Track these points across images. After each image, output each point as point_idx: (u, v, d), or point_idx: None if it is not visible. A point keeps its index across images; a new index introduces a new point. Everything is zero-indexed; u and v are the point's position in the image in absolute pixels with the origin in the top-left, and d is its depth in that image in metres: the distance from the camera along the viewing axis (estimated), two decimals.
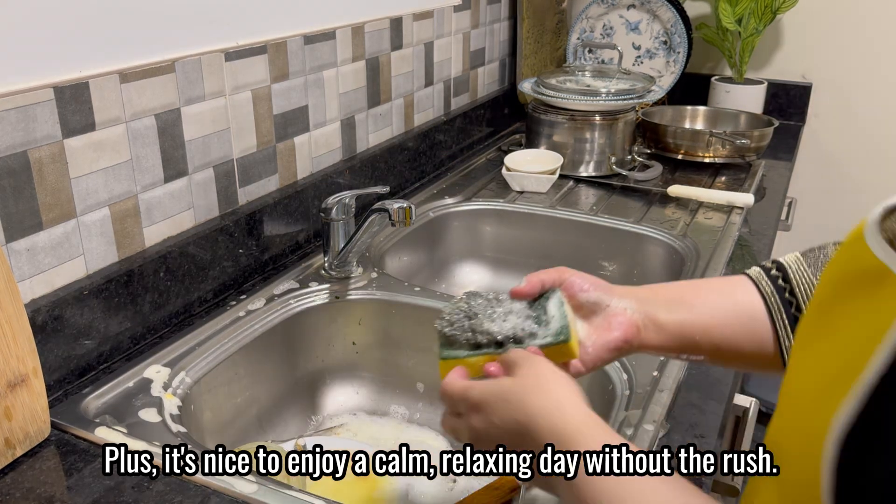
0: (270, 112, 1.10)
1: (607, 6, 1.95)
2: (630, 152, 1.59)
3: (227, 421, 0.94)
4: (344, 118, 1.27)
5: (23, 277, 0.79)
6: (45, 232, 0.81)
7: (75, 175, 0.83)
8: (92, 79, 0.83)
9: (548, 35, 1.94)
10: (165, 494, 0.68)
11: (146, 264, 0.91)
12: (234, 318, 0.98)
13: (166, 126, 0.93)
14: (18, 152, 0.77)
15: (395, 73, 1.39)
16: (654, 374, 0.87)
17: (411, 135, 1.46)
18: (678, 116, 1.79)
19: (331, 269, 1.10)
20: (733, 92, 1.88)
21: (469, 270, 1.43)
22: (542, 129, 1.57)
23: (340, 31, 1.21)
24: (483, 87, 1.78)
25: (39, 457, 0.73)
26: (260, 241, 1.09)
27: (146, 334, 0.93)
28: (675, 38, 1.91)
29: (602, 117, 1.52)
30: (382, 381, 1.10)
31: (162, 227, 0.95)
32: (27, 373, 0.72)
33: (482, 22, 1.71)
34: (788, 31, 1.96)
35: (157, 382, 0.85)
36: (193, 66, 0.95)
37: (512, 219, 1.41)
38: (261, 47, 1.05)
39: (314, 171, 1.21)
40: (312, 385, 1.07)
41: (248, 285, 1.07)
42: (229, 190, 1.05)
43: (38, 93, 0.77)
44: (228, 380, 0.94)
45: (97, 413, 0.80)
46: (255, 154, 1.09)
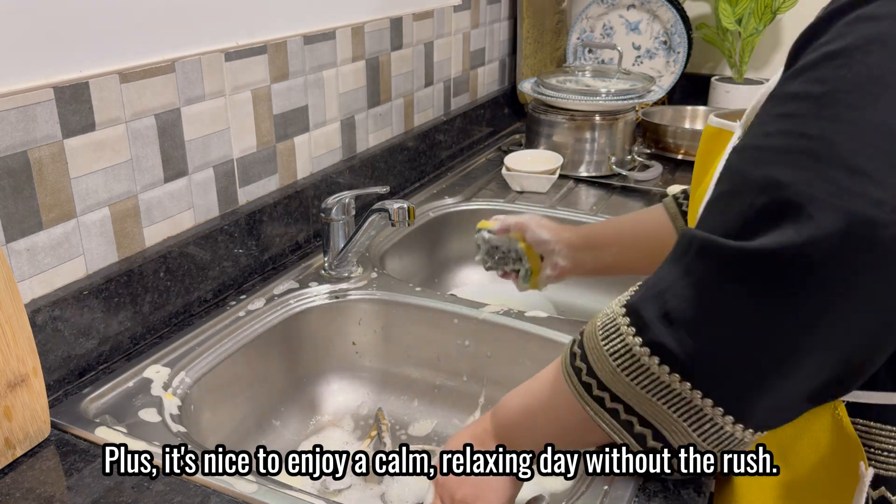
0: (270, 112, 1.10)
1: (607, 6, 1.95)
2: (630, 152, 1.59)
3: (227, 421, 0.94)
4: (344, 118, 1.27)
5: (23, 277, 0.79)
6: (45, 232, 0.81)
7: (75, 175, 0.83)
8: (92, 79, 0.83)
9: (548, 35, 1.94)
10: (165, 494, 0.68)
11: (146, 264, 0.91)
12: (233, 318, 0.98)
13: (166, 126, 0.93)
14: (18, 152, 0.77)
15: (395, 73, 1.39)
16: None
17: (411, 135, 1.46)
18: (678, 116, 1.79)
19: (331, 269, 1.10)
20: (733, 92, 1.88)
21: (469, 270, 1.43)
22: (542, 129, 1.57)
23: (340, 31, 1.21)
24: (483, 87, 1.78)
25: (39, 457, 0.73)
26: (260, 241, 1.09)
27: (146, 334, 0.93)
28: (675, 38, 1.91)
29: (602, 117, 1.52)
30: (382, 381, 1.09)
31: (162, 227, 0.95)
32: (27, 373, 0.72)
33: (482, 22, 1.71)
34: (788, 31, 1.96)
35: (156, 382, 0.85)
36: (193, 66, 0.95)
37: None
38: (261, 47, 1.05)
39: (314, 171, 1.21)
40: (312, 385, 1.07)
41: (248, 285, 1.07)
42: (229, 190, 1.05)
43: (38, 93, 0.77)
44: (228, 380, 0.94)
45: (97, 413, 0.80)
46: (255, 154, 1.09)
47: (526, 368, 1.00)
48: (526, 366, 1.00)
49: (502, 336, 1.01)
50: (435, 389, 1.07)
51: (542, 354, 0.98)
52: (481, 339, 1.02)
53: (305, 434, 1.03)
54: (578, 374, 0.63)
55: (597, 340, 0.62)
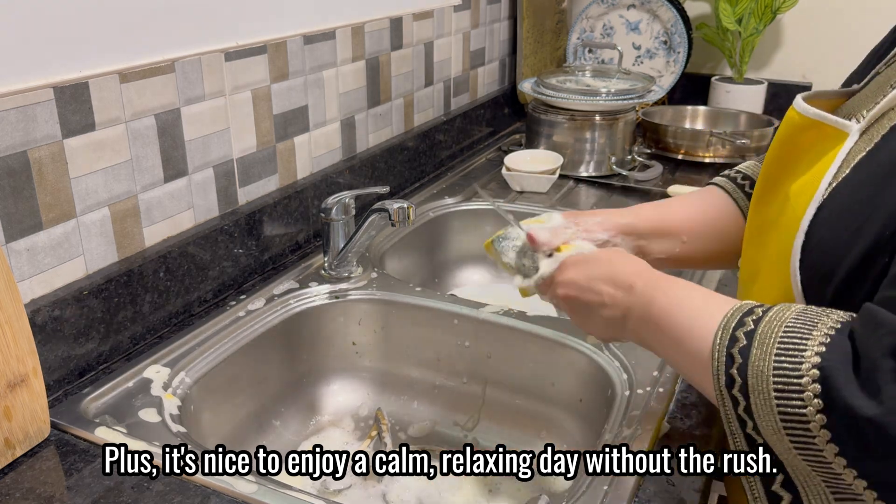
0: (270, 112, 1.10)
1: (607, 6, 1.95)
2: (630, 152, 1.59)
3: (227, 421, 0.94)
4: (344, 118, 1.27)
5: (23, 277, 0.79)
6: (45, 232, 0.81)
7: (75, 175, 0.83)
8: (92, 79, 0.83)
9: (548, 35, 1.94)
10: (165, 494, 0.68)
11: (146, 264, 0.91)
12: (233, 318, 0.98)
13: (166, 126, 0.93)
14: (18, 152, 0.77)
15: (395, 73, 1.39)
16: (653, 374, 0.87)
17: (411, 135, 1.45)
18: (678, 116, 1.79)
19: (331, 269, 1.10)
20: (733, 92, 1.88)
21: (469, 270, 1.43)
22: (542, 129, 1.57)
23: (340, 31, 1.21)
24: (483, 87, 1.78)
25: (39, 457, 0.73)
26: (260, 241, 1.09)
27: (146, 334, 0.93)
28: (675, 38, 1.91)
29: (602, 117, 1.52)
30: (382, 382, 1.10)
31: (162, 227, 0.95)
32: (27, 373, 0.72)
33: (482, 22, 1.71)
34: (788, 31, 1.96)
35: (156, 382, 0.85)
36: (193, 66, 0.95)
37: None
38: (261, 47, 1.05)
39: (314, 171, 1.21)
40: (312, 385, 1.07)
41: (248, 285, 1.07)
42: (229, 190, 1.05)
43: (38, 93, 0.77)
44: (228, 380, 0.94)
45: (97, 413, 0.80)
46: (255, 154, 1.09)
47: (526, 369, 1.00)
48: (526, 366, 1.00)
49: (502, 336, 1.01)
50: (435, 389, 1.07)
51: (542, 355, 0.98)
52: (481, 339, 1.02)
53: (305, 434, 1.03)
54: (735, 405, 0.56)
55: (768, 390, 0.53)
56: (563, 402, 0.98)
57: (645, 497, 0.69)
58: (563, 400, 0.98)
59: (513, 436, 1.01)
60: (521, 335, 0.99)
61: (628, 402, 0.83)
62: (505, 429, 1.02)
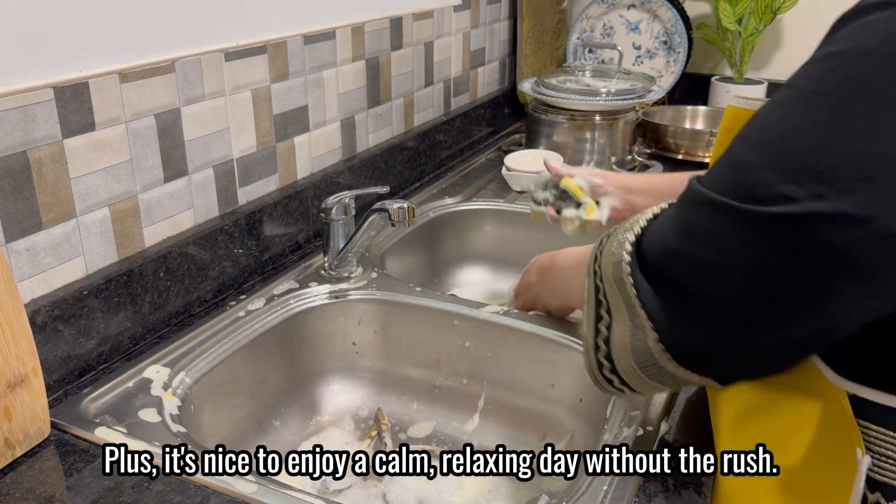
0: (270, 112, 1.10)
1: (607, 6, 1.95)
2: (630, 152, 1.59)
3: (227, 421, 0.94)
4: (344, 118, 1.27)
5: (23, 277, 0.79)
6: (45, 232, 0.81)
7: (75, 175, 0.83)
8: (92, 79, 0.83)
9: (548, 35, 1.94)
10: (165, 494, 0.68)
11: (146, 264, 0.91)
12: (233, 319, 0.98)
13: (166, 126, 0.93)
14: (18, 152, 0.77)
15: (395, 72, 1.39)
16: None
17: (411, 135, 1.45)
18: (678, 116, 1.79)
19: (331, 269, 1.10)
20: (733, 92, 1.88)
21: (469, 270, 1.43)
22: (542, 129, 1.57)
23: (340, 30, 1.21)
24: (483, 87, 1.78)
25: (39, 457, 0.73)
26: (260, 241, 1.09)
27: (146, 334, 0.93)
28: (676, 38, 1.91)
29: (602, 117, 1.52)
30: (382, 382, 1.09)
31: (162, 227, 0.95)
32: (27, 373, 0.72)
33: (482, 22, 1.71)
34: (788, 31, 1.96)
35: (156, 382, 0.85)
36: (193, 66, 0.95)
37: (512, 219, 1.41)
38: (261, 47, 1.05)
39: (314, 171, 1.21)
40: (312, 385, 1.07)
41: (248, 285, 1.07)
42: (229, 190, 1.05)
43: (38, 93, 0.77)
44: (228, 380, 0.94)
45: (97, 413, 0.80)
46: (255, 154, 1.09)
47: (526, 369, 1.00)
48: (526, 366, 1.00)
49: (502, 336, 1.00)
50: (435, 390, 1.07)
51: (542, 355, 0.98)
52: (481, 339, 1.02)
53: (305, 434, 1.03)
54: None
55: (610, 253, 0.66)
56: (563, 402, 0.98)
57: (645, 497, 0.69)
58: (563, 400, 0.98)
59: (513, 436, 1.01)
60: (521, 335, 0.99)
61: (628, 402, 0.83)
62: (505, 429, 1.02)
